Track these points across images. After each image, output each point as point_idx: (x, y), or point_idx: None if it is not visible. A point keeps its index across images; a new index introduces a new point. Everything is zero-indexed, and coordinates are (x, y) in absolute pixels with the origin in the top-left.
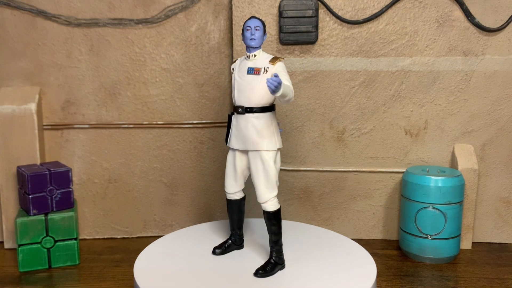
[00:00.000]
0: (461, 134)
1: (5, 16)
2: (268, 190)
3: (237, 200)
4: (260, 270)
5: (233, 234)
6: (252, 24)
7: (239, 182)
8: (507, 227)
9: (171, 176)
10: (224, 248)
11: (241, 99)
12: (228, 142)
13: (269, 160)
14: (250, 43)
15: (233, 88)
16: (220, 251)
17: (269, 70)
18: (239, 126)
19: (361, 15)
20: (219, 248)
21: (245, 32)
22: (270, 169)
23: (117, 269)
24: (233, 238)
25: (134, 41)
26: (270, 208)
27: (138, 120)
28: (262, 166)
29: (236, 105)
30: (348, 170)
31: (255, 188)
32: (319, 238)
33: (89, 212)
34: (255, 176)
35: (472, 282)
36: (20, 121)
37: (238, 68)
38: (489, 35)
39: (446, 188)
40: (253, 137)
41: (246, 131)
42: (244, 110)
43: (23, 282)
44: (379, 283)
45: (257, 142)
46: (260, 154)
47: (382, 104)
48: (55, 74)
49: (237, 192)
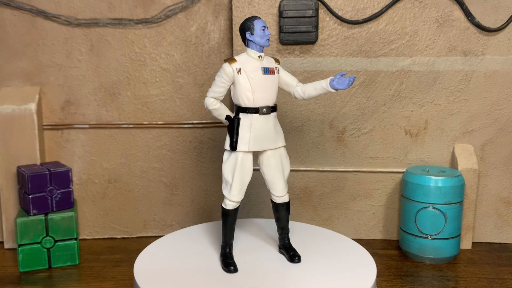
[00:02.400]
0: (461, 134)
1: (5, 16)
2: (286, 183)
3: (237, 208)
4: (296, 256)
5: (230, 247)
6: (265, 24)
7: (244, 188)
8: (507, 227)
9: (171, 176)
10: (234, 262)
11: (260, 99)
12: (244, 146)
13: (287, 154)
14: (266, 43)
15: (245, 89)
16: (234, 267)
17: (279, 70)
18: (261, 127)
19: (361, 15)
20: (232, 265)
21: (259, 31)
22: (288, 163)
23: (117, 269)
24: (229, 250)
25: (134, 41)
26: (287, 199)
27: (138, 120)
28: (282, 161)
29: (257, 106)
30: (348, 170)
31: (273, 184)
32: (319, 238)
33: (89, 212)
34: (275, 172)
35: (472, 282)
36: (20, 121)
37: (248, 69)
38: (489, 35)
39: (446, 188)
40: (274, 135)
41: (269, 131)
42: (269, 110)
43: (23, 282)
44: (379, 283)
45: (277, 140)
46: (280, 150)
47: (382, 104)
48: (55, 74)
49: (241, 199)
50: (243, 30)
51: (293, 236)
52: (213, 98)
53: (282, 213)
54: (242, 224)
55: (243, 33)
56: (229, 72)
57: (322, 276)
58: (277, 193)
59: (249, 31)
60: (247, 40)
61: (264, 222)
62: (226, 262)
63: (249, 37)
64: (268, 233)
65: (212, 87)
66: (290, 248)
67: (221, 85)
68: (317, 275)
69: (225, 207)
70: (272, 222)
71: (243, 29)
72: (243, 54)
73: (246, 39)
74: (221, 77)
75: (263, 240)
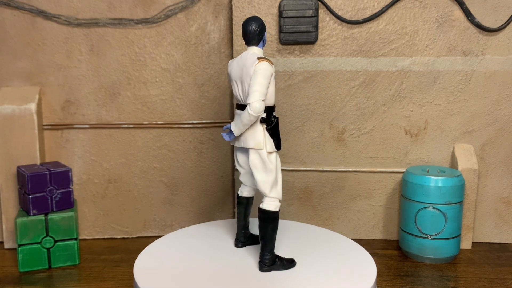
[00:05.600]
0: (461, 134)
1: (5, 16)
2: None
3: None
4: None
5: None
6: None
7: None
8: (507, 227)
9: (171, 176)
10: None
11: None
12: (279, 145)
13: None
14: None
15: (275, 88)
16: (294, 261)
17: None
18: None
19: (361, 15)
20: (292, 260)
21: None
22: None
23: (117, 269)
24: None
25: (134, 41)
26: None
27: (138, 120)
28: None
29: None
30: (348, 170)
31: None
32: (319, 238)
33: (89, 212)
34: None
35: (472, 282)
36: (20, 121)
37: None
38: (489, 35)
39: (446, 188)
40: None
41: None
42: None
43: (23, 282)
44: (379, 283)
45: None
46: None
47: (382, 104)
48: (55, 74)
49: None
50: (263, 30)
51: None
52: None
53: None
54: None
55: (262, 33)
56: (273, 73)
57: (322, 276)
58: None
59: (266, 31)
60: (261, 39)
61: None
62: (286, 260)
63: (264, 37)
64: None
65: (260, 90)
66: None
67: (267, 86)
68: (317, 275)
69: (277, 209)
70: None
71: (263, 29)
72: (259, 53)
73: (262, 38)
74: (267, 78)
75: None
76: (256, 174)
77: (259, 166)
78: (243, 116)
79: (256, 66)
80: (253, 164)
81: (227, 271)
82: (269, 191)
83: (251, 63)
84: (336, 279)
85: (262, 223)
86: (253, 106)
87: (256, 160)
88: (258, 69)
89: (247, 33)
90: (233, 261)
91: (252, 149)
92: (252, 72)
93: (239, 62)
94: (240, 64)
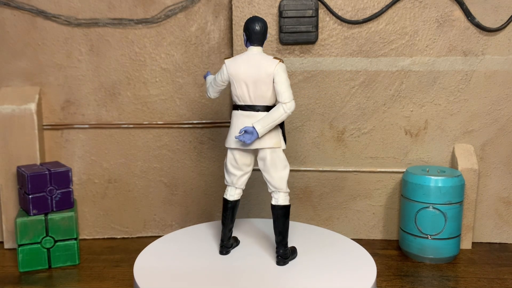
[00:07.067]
0: (461, 134)
1: (5, 16)
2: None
3: None
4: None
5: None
6: None
7: None
8: (507, 227)
9: (171, 176)
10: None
11: None
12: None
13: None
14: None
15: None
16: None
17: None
18: None
19: (361, 15)
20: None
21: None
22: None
23: (117, 269)
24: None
25: (134, 41)
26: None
27: (138, 120)
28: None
29: None
30: (348, 170)
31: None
32: (319, 238)
33: (89, 212)
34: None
35: (472, 282)
36: (20, 121)
37: None
38: (489, 35)
39: (446, 188)
40: None
41: None
42: None
43: (23, 282)
44: (379, 283)
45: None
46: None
47: (382, 104)
48: (55, 74)
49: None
50: (267, 30)
51: (293, 236)
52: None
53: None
54: (242, 224)
55: (266, 32)
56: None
57: (322, 276)
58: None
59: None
60: (265, 39)
61: (264, 222)
62: (291, 249)
63: (266, 37)
64: (268, 233)
65: (290, 89)
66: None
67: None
68: (317, 275)
69: (289, 202)
70: (271, 222)
71: (267, 29)
72: (263, 53)
73: (265, 38)
74: (288, 78)
75: (262, 240)
76: (274, 172)
77: (278, 164)
78: (275, 116)
79: (278, 66)
80: (273, 163)
81: (227, 271)
82: (285, 186)
83: (269, 64)
84: (336, 279)
85: (282, 219)
86: (289, 105)
87: (275, 158)
88: (281, 70)
89: (256, 32)
90: (233, 261)
91: (269, 148)
92: (275, 73)
93: (249, 63)
94: (252, 64)
